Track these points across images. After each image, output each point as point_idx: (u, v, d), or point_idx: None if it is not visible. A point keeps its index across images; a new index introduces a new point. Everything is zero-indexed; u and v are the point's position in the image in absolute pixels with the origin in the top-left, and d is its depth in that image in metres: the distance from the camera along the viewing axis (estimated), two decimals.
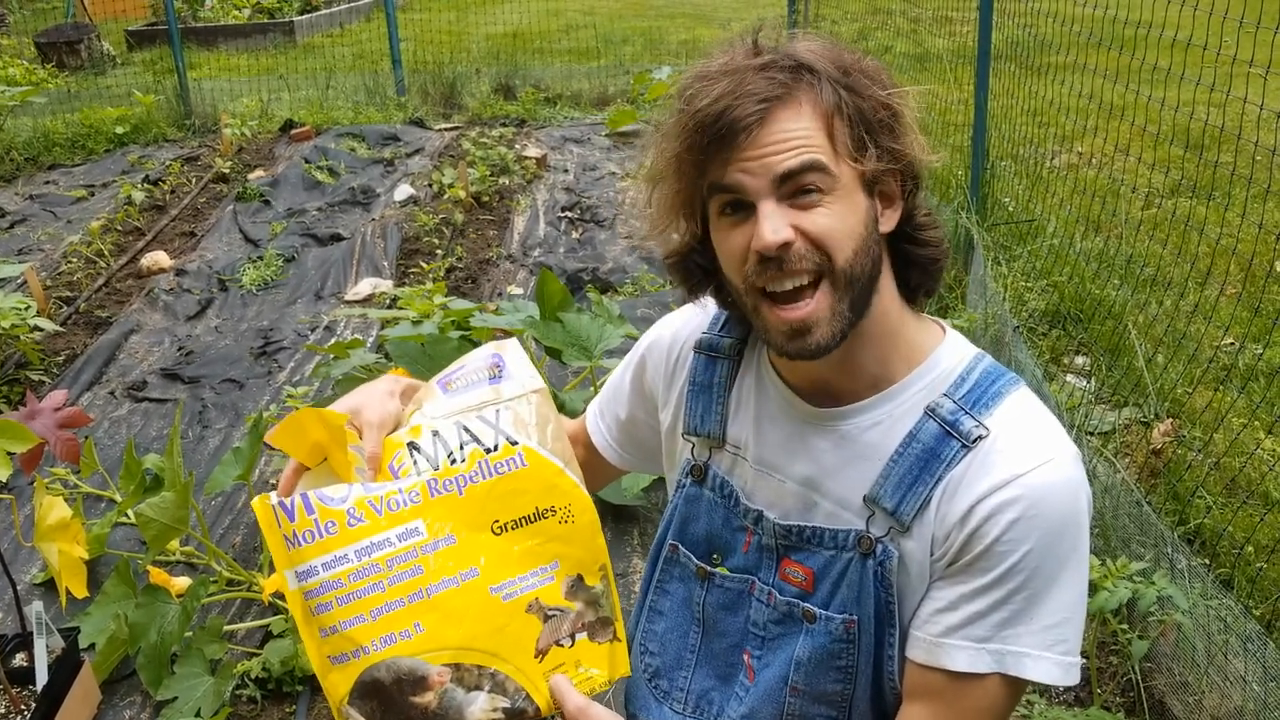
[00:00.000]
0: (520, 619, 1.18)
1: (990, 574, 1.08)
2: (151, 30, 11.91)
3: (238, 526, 3.37)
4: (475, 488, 1.17)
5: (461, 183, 6.29)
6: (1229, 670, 2.27)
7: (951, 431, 1.12)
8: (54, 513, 2.38)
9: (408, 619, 1.14)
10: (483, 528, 1.17)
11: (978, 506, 1.09)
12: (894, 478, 1.14)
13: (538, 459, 1.19)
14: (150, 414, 4.09)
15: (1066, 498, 1.08)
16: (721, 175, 1.08)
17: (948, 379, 1.16)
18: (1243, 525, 2.90)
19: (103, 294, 5.25)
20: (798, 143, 1.07)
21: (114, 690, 2.66)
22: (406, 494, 1.15)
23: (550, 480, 1.19)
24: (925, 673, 1.13)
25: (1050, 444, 1.11)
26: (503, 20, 11.47)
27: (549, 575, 1.19)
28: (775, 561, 1.23)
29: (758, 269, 1.09)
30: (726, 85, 1.07)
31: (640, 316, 4.58)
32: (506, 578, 1.17)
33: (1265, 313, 4.00)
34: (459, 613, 1.15)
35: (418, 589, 1.14)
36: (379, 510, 1.14)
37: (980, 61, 4.77)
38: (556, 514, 1.19)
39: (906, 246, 1.18)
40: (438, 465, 1.17)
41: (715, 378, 1.29)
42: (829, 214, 1.08)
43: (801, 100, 1.08)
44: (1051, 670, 1.09)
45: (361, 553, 1.13)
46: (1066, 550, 1.08)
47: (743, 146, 1.07)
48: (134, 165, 7.38)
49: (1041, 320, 4.24)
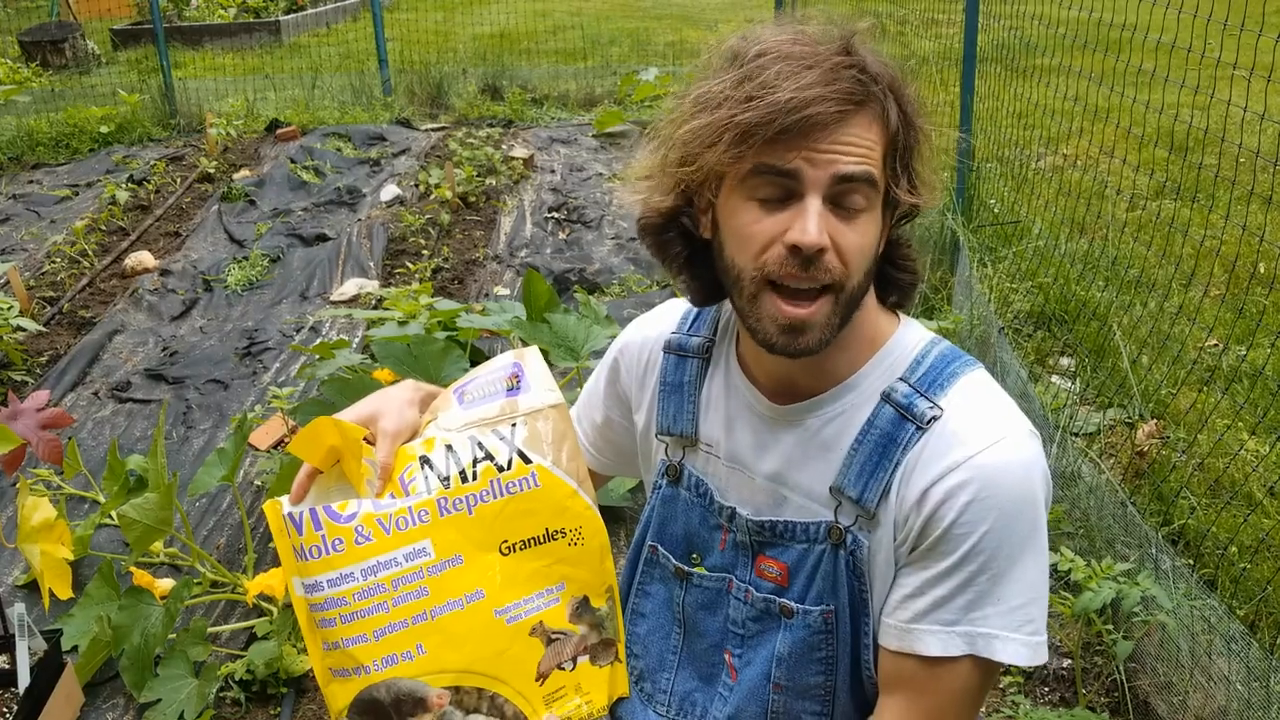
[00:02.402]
0: (523, 642, 1.17)
1: (951, 557, 1.09)
2: (136, 29, 11.85)
3: (222, 528, 3.35)
4: (486, 507, 1.16)
5: (448, 183, 6.28)
6: (1213, 670, 2.28)
7: (906, 414, 1.13)
8: (38, 514, 2.36)
9: (410, 640, 1.13)
10: (491, 548, 1.16)
11: (932, 490, 1.10)
12: (855, 465, 1.15)
13: (551, 479, 1.17)
14: (134, 415, 4.06)
15: (1020, 476, 1.09)
16: (781, 159, 1.06)
17: (904, 363, 1.18)
18: (1226, 526, 2.92)
19: (86, 294, 5.22)
20: (864, 151, 1.07)
21: (97, 693, 2.64)
22: (416, 513, 1.14)
23: (562, 502, 1.18)
24: (899, 659, 1.14)
25: (1002, 423, 1.12)
26: (490, 21, 11.46)
27: (555, 597, 1.19)
28: (751, 558, 1.24)
29: (782, 260, 1.08)
30: (819, 75, 1.05)
31: (627, 317, 4.55)
32: (512, 600, 1.17)
33: (1249, 314, 4.03)
34: (462, 636, 1.15)
35: (421, 611, 1.13)
36: (387, 529, 1.13)
37: (966, 64, 4.79)
38: (566, 536, 1.18)
39: (888, 269, 1.20)
40: (449, 482, 1.15)
41: (685, 377, 1.30)
42: (861, 232, 1.09)
43: (875, 112, 1.09)
44: (1020, 651, 1.10)
45: (367, 572, 1.12)
46: (1026, 528, 1.09)
47: (819, 140, 1.06)
48: (118, 165, 7.34)
49: (1027, 321, 4.25)
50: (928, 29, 6.69)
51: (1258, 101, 3.02)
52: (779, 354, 1.12)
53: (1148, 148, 5.11)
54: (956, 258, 4.54)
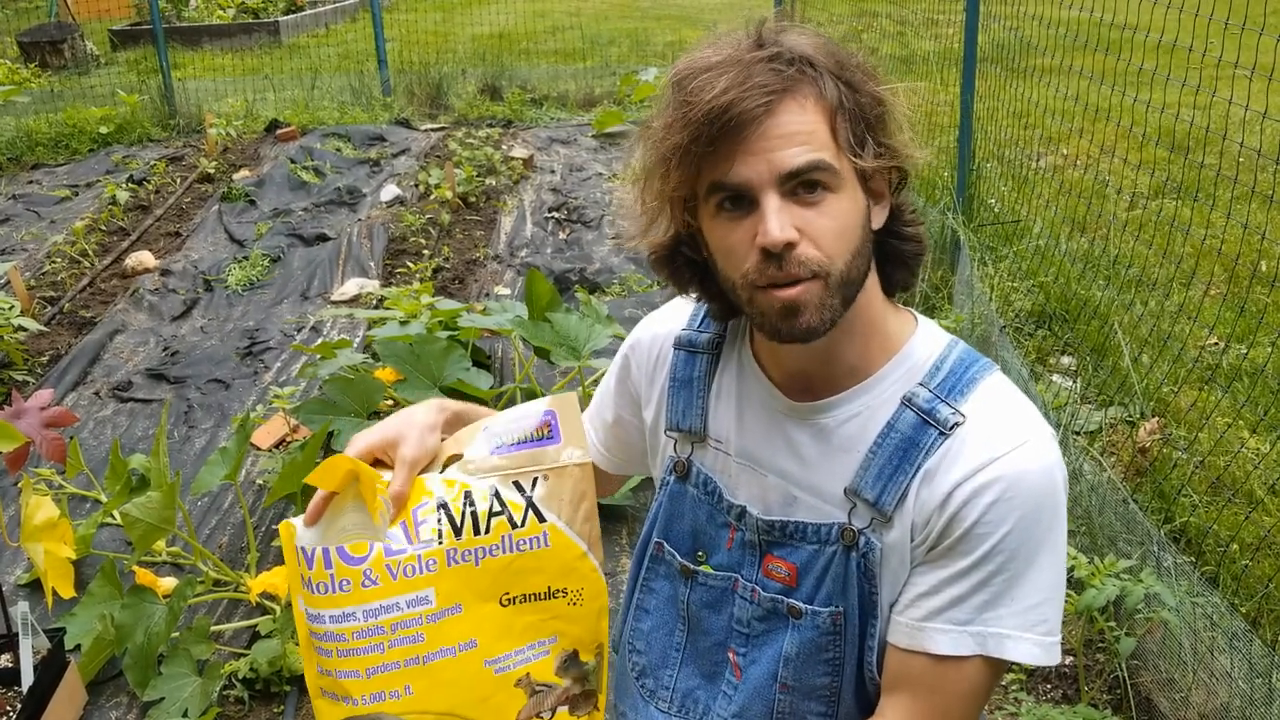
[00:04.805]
0: (507, 691, 1.19)
1: (970, 556, 1.09)
2: (136, 30, 11.85)
3: (224, 527, 3.36)
4: (493, 560, 1.16)
5: (448, 183, 6.28)
6: (1215, 667, 2.29)
7: (929, 420, 1.13)
8: (41, 512, 2.36)
9: (399, 681, 1.15)
10: (491, 598, 1.18)
11: (956, 491, 1.09)
12: (874, 469, 1.14)
13: (562, 540, 1.18)
14: (135, 414, 4.06)
15: (1043, 479, 1.09)
16: (725, 170, 1.06)
17: (923, 368, 1.17)
18: (1228, 523, 2.92)
19: (87, 294, 5.22)
20: (803, 137, 1.05)
21: (100, 691, 2.65)
22: (424, 561, 1.15)
23: (570, 563, 1.19)
24: (908, 657, 1.14)
25: (1025, 426, 1.12)
26: (489, 21, 11.46)
27: (544, 649, 1.20)
28: (758, 558, 1.23)
29: (759, 267, 1.07)
30: (733, 77, 1.04)
31: (627, 316, 4.59)
32: (503, 651, 1.19)
33: (1249, 313, 4.03)
34: (450, 681, 1.17)
35: (415, 655, 1.15)
36: (394, 575, 1.14)
37: (966, 64, 4.79)
38: (568, 595, 1.20)
39: (892, 241, 1.18)
40: (460, 533, 1.16)
41: (695, 372, 1.29)
42: (833, 214, 1.07)
43: (806, 94, 1.07)
44: (1033, 650, 1.10)
45: (369, 614, 1.14)
46: (1044, 530, 1.09)
47: (749, 139, 1.04)
48: (118, 165, 7.34)
49: (1028, 320, 4.26)
50: (928, 29, 6.70)
51: (1258, 101, 3.03)
52: (785, 340, 1.11)
53: (1148, 147, 5.12)
54: (957, 257, 4.54)
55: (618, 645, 1.40)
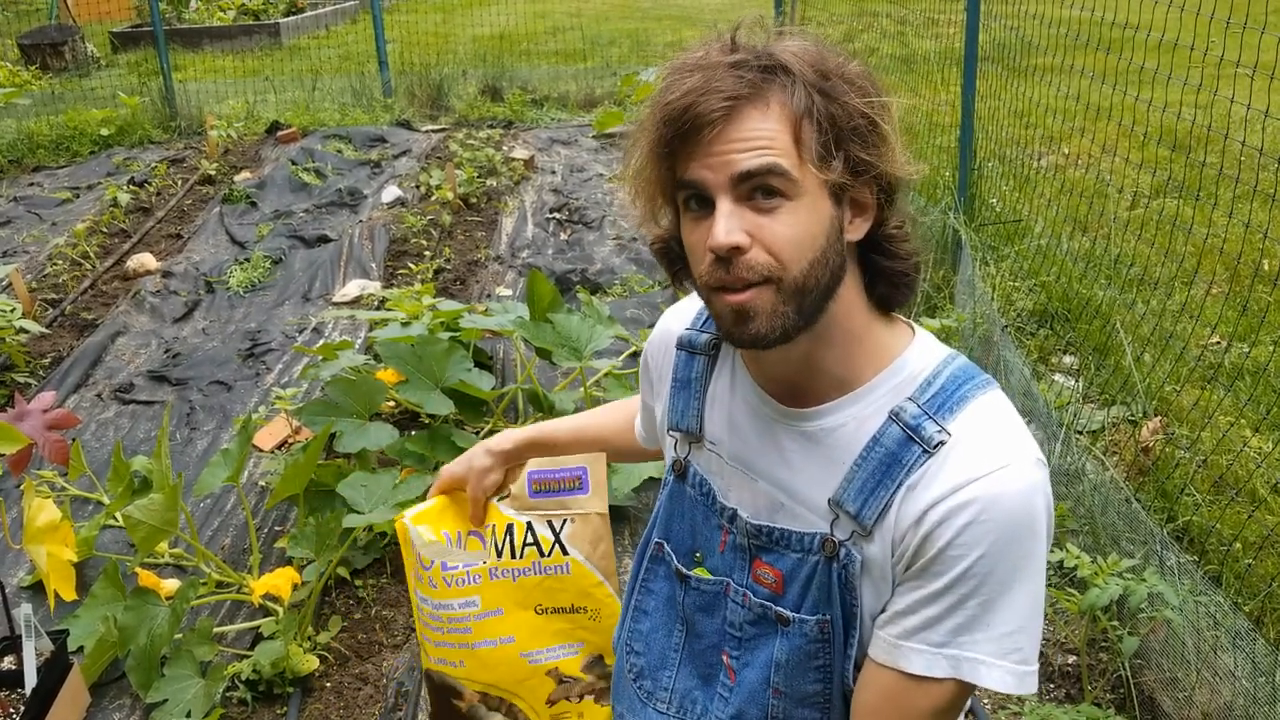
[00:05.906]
0: (539, 678, 1.57)
1: (943, 578, 1.08)
2: (136, 32, 11.87)
3: (227, 528, 3.36)
4: (526, 579, 1.54)
5: (449, 184, 6.28)
6: (1218, 666, 2.29)
7: (914, 436, 1.11)
8: (44, 515, 2.36)
9: (454, 656, 1.58)
10: (527, 607, 1.56)
11: (931, 511, 1.08)
12: (857, 482, 1.13)
13: (581, 570, 1.54)
14: (137, 416, 4.07)
15: (1020, 503, 1.07)
16: (685, 170, 1.07)
17: (914, 382, 1.14)
18: (1230, 522, 2.92)
19: (88, 296, 5.23)
20: (762, 143, 1.04)
21: (103, 693, 2.65)
22: (472, 575, 1.54)
23: (587, 589, 1.55)
24: (882, 671, 1.13)
25: (1010, 449, 1.09)
26: (489, 22, 11.47)
27: (573, 650, 1.58)
28: (748, 562, 1.23)
29: (711, 268, 1.08)
30: (696, 80, 1.05)
31: (629, 317, 4.59)
32: (537, 648, 1.57)
33: (1251, 311, 4.03)
34: (493, 665, 1.57)
35: (465, 642, 1.56)
36: (449, 584, 1.54)
37: (967, 63, 4.79)
38: (587, 612, 1.56)
39: (874, 256, 1.16)
40: (500, 554, 1.54)
41: (693, 373, 1.30)
42: (788, 222, 1.06)
43: (771, 101, 1.06)
44: (1005, 679, 1.08)
45: (436, 607, 1.56)
46: (1021, 556, 1.07)
47: (707, 142, 1.05)
48: (119, 167, 7.35)
49: (1029, 320, 4.26)
50: (928, 28, 6.69)
51: (1259, 99, 3.03)
52: (739, 345, 1.13)
53: (1149, 146, 5.12)
54: (959, 256, 4.54)
55: (617, 646, 1.40)
